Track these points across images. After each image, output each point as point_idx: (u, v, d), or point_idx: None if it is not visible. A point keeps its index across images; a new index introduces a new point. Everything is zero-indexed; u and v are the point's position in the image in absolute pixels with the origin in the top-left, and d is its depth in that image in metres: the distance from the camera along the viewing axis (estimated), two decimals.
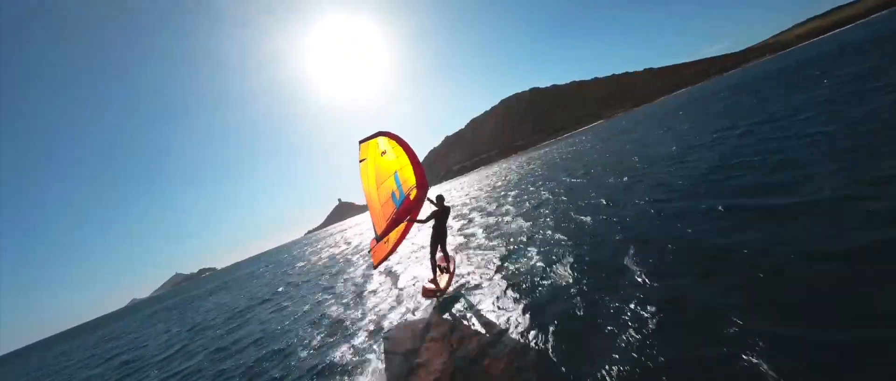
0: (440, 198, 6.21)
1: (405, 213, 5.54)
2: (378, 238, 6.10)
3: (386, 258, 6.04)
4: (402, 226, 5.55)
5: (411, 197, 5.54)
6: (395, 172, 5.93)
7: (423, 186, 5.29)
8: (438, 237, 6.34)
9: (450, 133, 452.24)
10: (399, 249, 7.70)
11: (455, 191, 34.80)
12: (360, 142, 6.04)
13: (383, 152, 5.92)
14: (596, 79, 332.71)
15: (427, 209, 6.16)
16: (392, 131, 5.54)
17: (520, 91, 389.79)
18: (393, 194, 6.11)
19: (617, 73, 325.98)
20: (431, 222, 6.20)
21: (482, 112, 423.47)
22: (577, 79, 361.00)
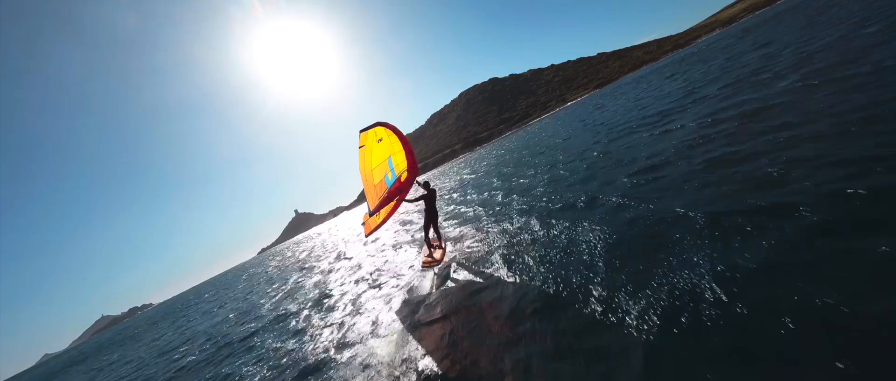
0: (426, 183, 7.65)
1: (396, 193, 6.78)
2: (371, 212, 7.44)
3: (376, 229, 7.53)
4: (391, 204, 7.10)
5: (402, 179, 6.66)
6: (389, 156, 6.89)
7: (412, 170, 6.47)
8: (430, 218, 7.83)
9: (411, 131, 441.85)
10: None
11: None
12: (361, 131, 6.89)
13: (380, 140, 6.77)
14: (552, 66, 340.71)
15: (417, 194, 7.74)
16: (390, 123, 6.53)
17: (479, 83, 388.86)
18: (386, 176, 7.15)
19: (571, 59, 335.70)
20: (421, 204, 8.24)
21: (442, 106, 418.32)
22: (533, 67, 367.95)
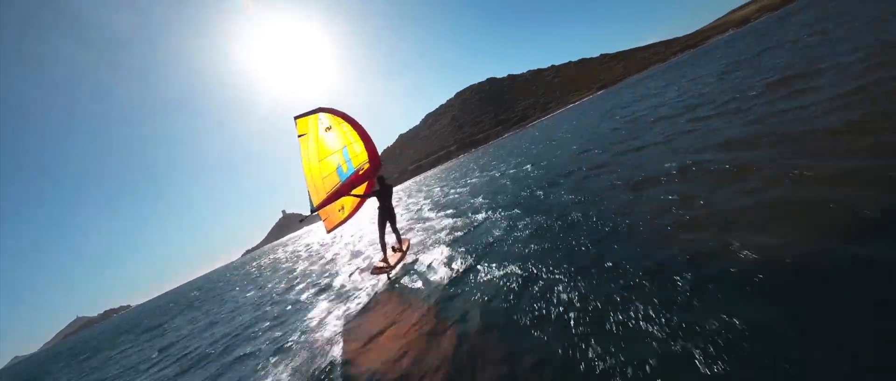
0: (381, 178, 6.72)
1: (349, 187, 5.85)
2: (312, 210, 6.06)
3: (340, 225, 7.09)
4: (354, 200, 6.84)
5: (361, 172, 6.05)
6: (343, 147, 6.29)
7: (375, 162, 5.85)
8: (385, 216, 6.80)
9: (405, 131, 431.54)
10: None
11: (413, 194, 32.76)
12: (297, 117, 6.03)
13: (328, 128, 6.12)
14: (552, 66, 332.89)
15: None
16: (336, 108, 5.87)
17: (476, 82, 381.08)
18: (338, 168, 6.49)
19: (573, 60, 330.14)
20: (376, 202, 6.89)
21: (438, 106, 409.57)
22: (532, 68, 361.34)
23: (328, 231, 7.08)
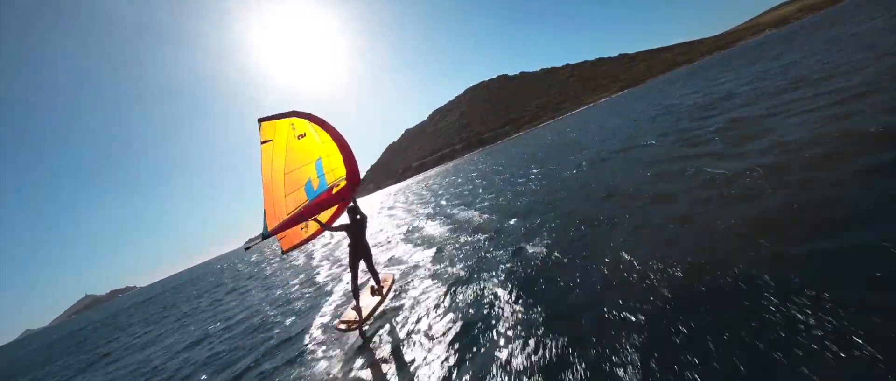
0: (353, 209, 5.43)
1: (316, 208, 4.89)
2: (265, 235, 4.88)
3: (300, 245, 5.91)
4: (316, 225, 5.49)
5: (335, 190, 5.14)
6: (318, 158, 5.35)
7: (354, 179, 4.94)
8: (358, 254, 5.55)
9: (411, 126, 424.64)
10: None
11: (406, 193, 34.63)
12: (262, 120, 5.06)
13: (302, 135, 5.19)
14: (567, 65, 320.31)
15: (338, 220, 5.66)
16: (313, 113, 4.91)
17: (487, 79, 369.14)
18: (308, 184, 5.48)
19: (589, 59, 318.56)
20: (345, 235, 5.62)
21: (446, 102, 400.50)
22: (546, 66, 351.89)
23: (284, 252, 5.93)
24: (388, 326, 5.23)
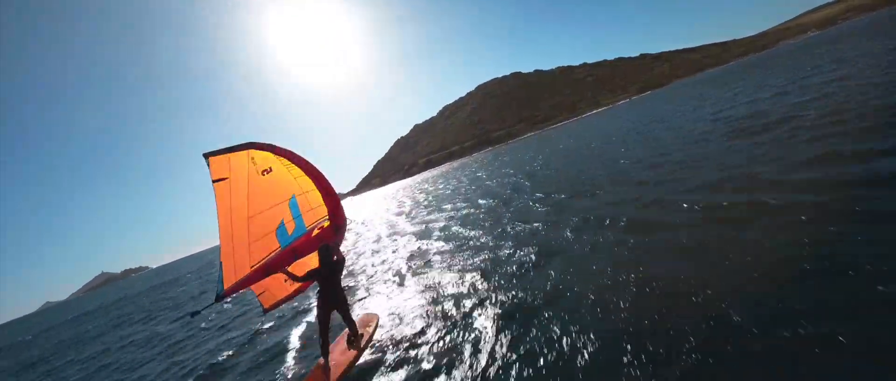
0: (326, 249, 4.53)
1: (290, 256, 4.30)
2: (219, 295, 3.97)
3: (282, 303, 5.05)
4: (295, 283, 4.70)
5: (315, 233, 4.51)
6: (292, 197, 4.66)
7: (338, 219, 4.37)
8: (329, 303, 4.52)
9: (420, 121, 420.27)
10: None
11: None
12: (209, 155, 3.97)
13: (266, 171, 4.41)
14: (585, 64, 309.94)
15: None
16: (276, 145, 4.17)
17: (500, 76, 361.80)
18: (280, 227, 4.61)
19: (608, 58, 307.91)
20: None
21: (457, 97, 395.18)
22: (562, 64, 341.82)
23: (266, 311, 5.04)
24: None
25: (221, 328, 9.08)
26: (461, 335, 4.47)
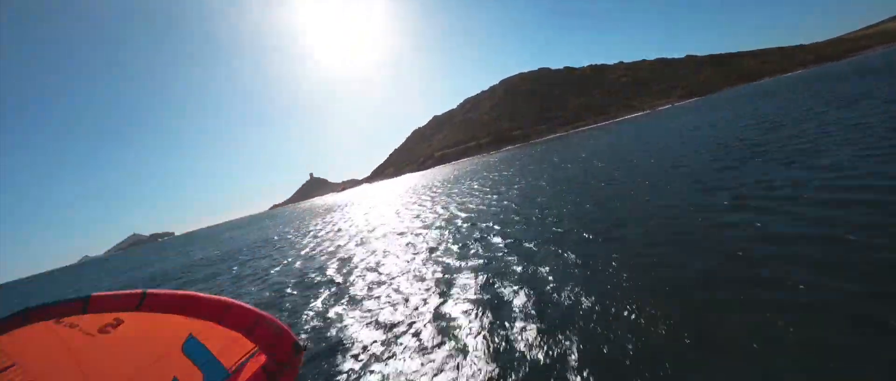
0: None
1: None
2: None
3: None
4: None
5: (250, 372, 2.58)
6: (188, 336, 2.69)
7: (280, 344, 2.46)
8: None
9: (440, 113, 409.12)
10: None
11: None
12: None
13: (110, 325, 2.42)
14: (621, 63, 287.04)
15: None
16: (107, 293, 2.21)
17: (526, 71, 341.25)
18: None
19: (647, 58, 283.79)
20: None
21: (479, 91, 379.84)
22: (595, 63, 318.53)
23: None
24: None
25: None
26: None
